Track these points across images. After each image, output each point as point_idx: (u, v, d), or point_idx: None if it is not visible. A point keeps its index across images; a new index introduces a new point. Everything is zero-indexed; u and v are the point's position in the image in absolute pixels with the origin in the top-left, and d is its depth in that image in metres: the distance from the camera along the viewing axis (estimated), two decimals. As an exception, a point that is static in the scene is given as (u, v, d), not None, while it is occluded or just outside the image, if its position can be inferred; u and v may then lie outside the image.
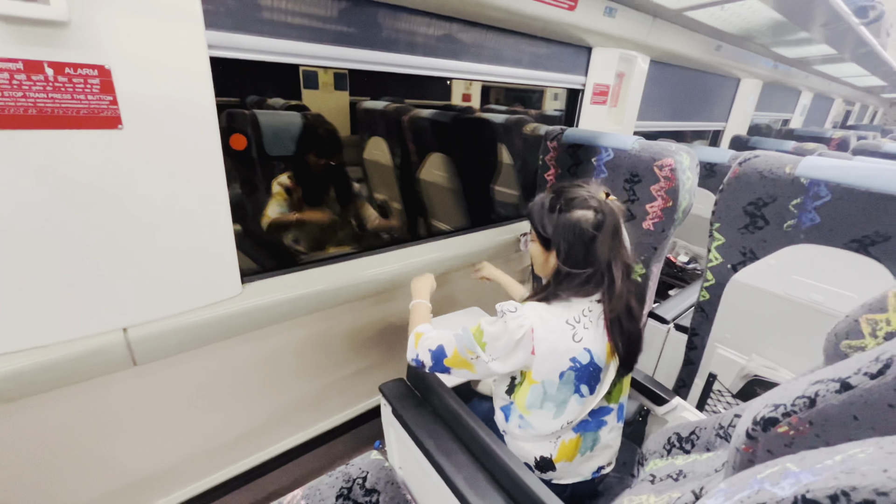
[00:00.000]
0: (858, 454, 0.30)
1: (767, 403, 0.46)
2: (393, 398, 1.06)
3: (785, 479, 0.31)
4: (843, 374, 0.41)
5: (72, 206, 0.85)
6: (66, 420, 0.99)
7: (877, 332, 0.62)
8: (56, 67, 0.77)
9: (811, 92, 4.42)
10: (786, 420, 0.43)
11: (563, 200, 0.88)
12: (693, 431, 0.91)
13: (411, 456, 1.00)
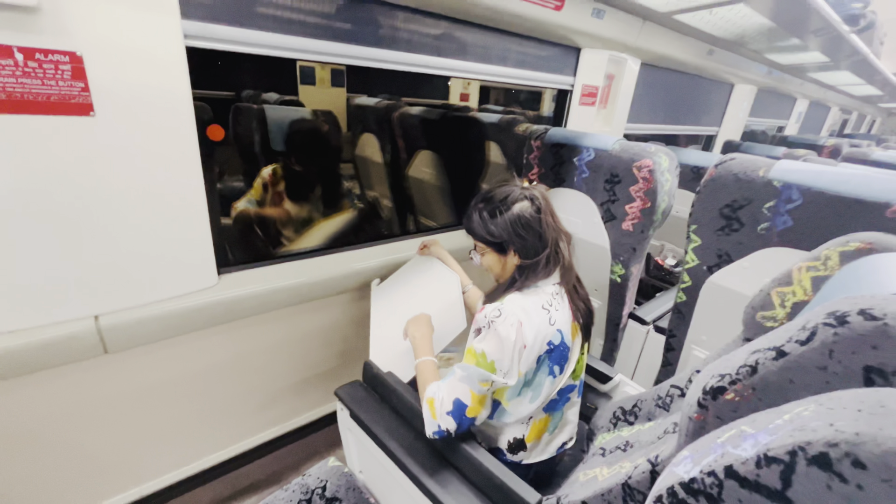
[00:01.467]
0: (803, 412, 0.34)
1: (714, 374, 0.50)
2: (350, 402, 1.04)
3: (745, 441, 0.35)
4: (777, 342, 0.46)
5: (41, 192, 0.85)
6: (36, 406, 0.99)
7: (785, 303, 0.73)
8: (26, 52, 0.77)
9: (807, 100, 4.43)
10: (732, 388, 0.47)
11: (499, 202, 0.91)
12: (635, 404, 0.99)
13: (373, 458, 0.99)
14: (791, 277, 0.71)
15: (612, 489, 0.67)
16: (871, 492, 0.26)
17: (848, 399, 0.32)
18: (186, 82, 0.96)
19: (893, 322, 0.38)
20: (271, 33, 1.09)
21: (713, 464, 0.35)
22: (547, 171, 1.53)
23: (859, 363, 0.40)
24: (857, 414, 0.30)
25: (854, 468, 0.27)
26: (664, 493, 0.38)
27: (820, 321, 0.43)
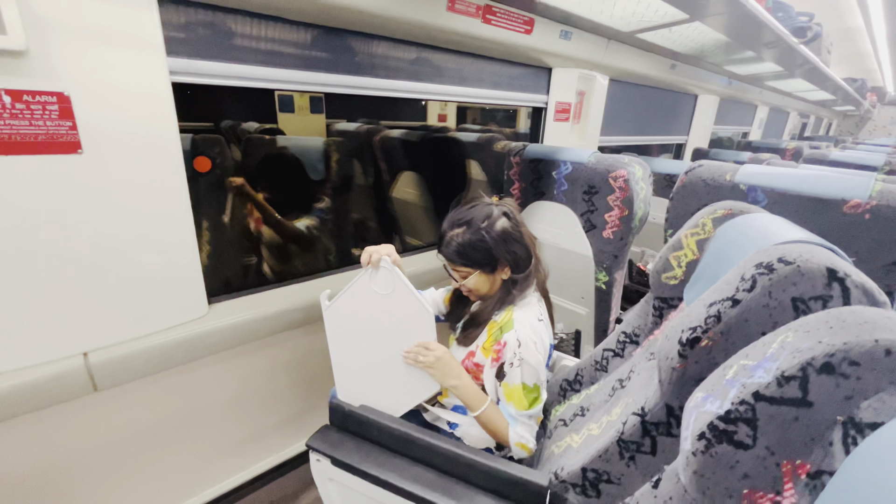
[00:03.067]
0: (786, 339, 0.43)
1: (684, 328, 0.62)
2: (329, 450, 0.95)
3: (755, 372, 0.43)
4: (729, 293, 0.58)
5: (30, 230, 0.85)
6: (25, 450, 0.96)
7: (681, 264, 0.91)
8: (14, 95, 0.78)
9: (767, 106, 4.68)
10: (705, 336, 0.58)
11: (481, 224, 0.93)
12: (577, 374, 1.10)
13: (365, 499, 0.95)
14: (681, 243, 0.90)
15: (607, 448, 0.74)
16: (865, 379, 0.36)
17: (814, 322, 0.42)
18: (173, 117, 0.98)
19: (802, 264, 0.53)
20: (252, 66, 1.13)
21: (740, 394, 0.42)
22: (527, 186, 1.58)
23: (788, 296, 0.54)
24: (830, 330, 0.39)
25: (850, 366, 0.37)
26: (705, 430, 0.45)
27: (755, 272, 0.56)
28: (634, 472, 0.73)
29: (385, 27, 1.30)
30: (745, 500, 0.43)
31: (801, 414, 0.39)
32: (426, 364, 0.92)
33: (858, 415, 0.37)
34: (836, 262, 0.53)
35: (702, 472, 0.46)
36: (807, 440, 0.39)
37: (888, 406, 0.35)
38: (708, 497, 0.46)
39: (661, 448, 0.70)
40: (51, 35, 0.79)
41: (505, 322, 0.94)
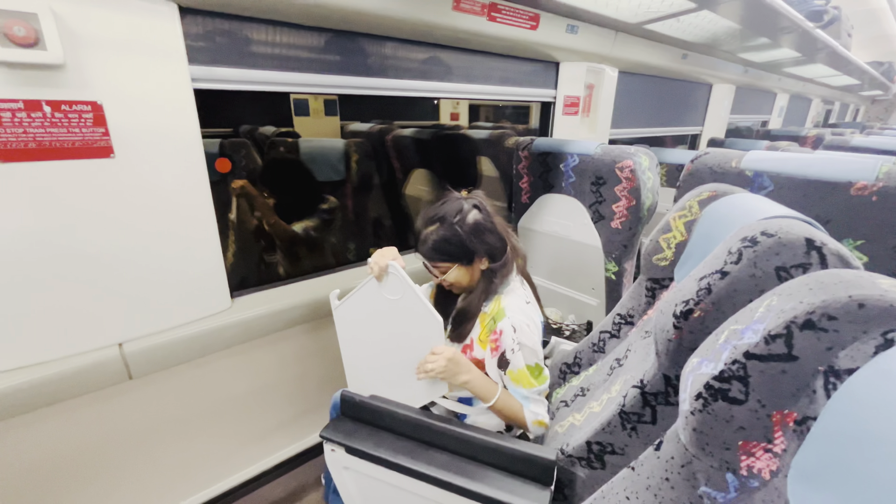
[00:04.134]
0: (772, 303, 0.47)
1: (678, 302, 0.66)
2: (344, 439, 0.98)
3: (744, 334, 0.47)
4: (717, 266, 0.63)
5: (69, 230, 0.92)
6: (66, 435, 1.04)
7: (670, 245, 0.96)
8: (53, 105, 0.85)
9: (787, 94, 4.56)
10: (698, 307, 0.63)
11: (453, 219, 0.96)
12: (575, 357, 1.14)
13: (382, 485, 0.98)
14: (670, 225, 0.96)
15: (609, 421, 0.78)
16: (842, 331, 0.40)
17: (795, 286, 0.46)
18: (195, 121, 1.04)
19: (783, 236, 0.58)
20: (268, 71, 1.18)
21: (732, 355, 0.47)
22: (536, 179, 1.60)
23: (772, 266, 0.58)
24: (810, 291, 0.44)
25: (829, 321, 0.41)
26: (702, 390, 0.49)
27: (740, 245, 0.61)
28: (637, 442, 0.77)
29: (393, 28, 1.34)
30: (740, 451, 0.47)
31: (787, 367, 0.44)
32: (437, 372, 0.94)
33: (837, 363, 0.41)
34: (813, 233, 0.57)
35: (700, 429, 0.49)
36: (793, 391, 0.44)
37: (862, 353, 0.39)
38: (707, 452, 0.50)
39: (660, 416, 0.74)
40: (84, 49, 0.86)
41: (496, 311, 0.97)
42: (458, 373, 0.95)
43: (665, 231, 0.96)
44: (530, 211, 1.66)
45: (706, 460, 0.51)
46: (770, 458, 0.46)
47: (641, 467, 0.62)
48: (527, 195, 1.66)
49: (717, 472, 0.50)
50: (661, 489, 0.57)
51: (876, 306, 0.39)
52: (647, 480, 0.59)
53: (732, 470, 0.49)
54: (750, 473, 0.48)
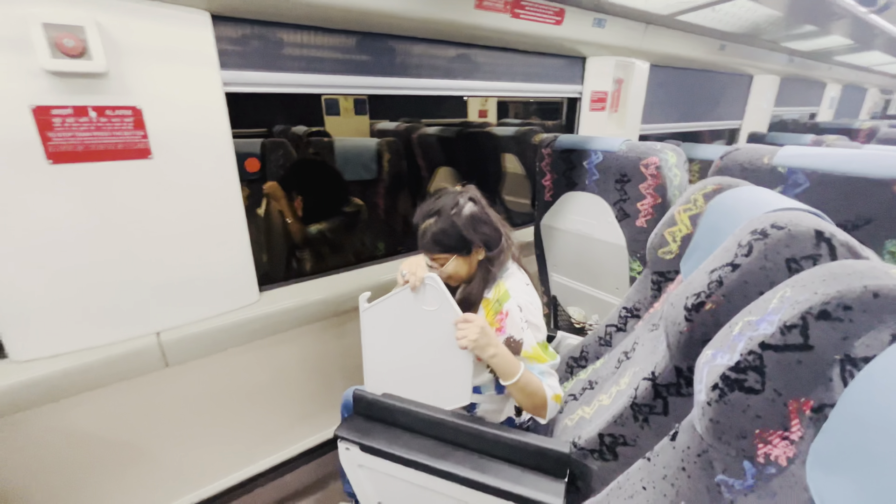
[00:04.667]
0: (786, 294, 0.47)
1: (689, 295, 0.67)
2: (358, 437, 0.98)
3: (759, 325, 0.48)
4: (728, 259, 0.63)
5: (112, 226, 0.99)
6: (109, 416, 1.12)
7: (675, 238, 0.98)
8: (98, 110, 0.92)
9: (838, 84, 4.26)
10: (709, 300, 0.64)
11: (450, 211, 0.98)
12: (582, 351, 1.15)
13: (397, 481, 0.98)
14: (675, 219, 0.97)
15: (621, 413, 0.79)
16: (857, 320, 0.41)
17: (809, 277, 0.47)
18: (226, 124, 1.09)
19: (792, 228, 0.58)
20: (296, 73, 1.23)
21: (748, 346, 0.47)
22: (559, 177, 1.58)
23: (782, 258, 0.59)
24: (824, 282, 0.44)
25: (844, 311, 0.41)
26: (718, 381, 0.49)
27: (751, 238, 0.61)
28: (649, 433, 0.78)
29: (416, 28, 1.35)
30: (756, 439, 0.48)
31: (803, 357, 0.44)
32: (470, 340, 0.90)
33: (853, 352, 0.42)
34: (822, 225, 0.57)
35: (717, 419, 0.50)
36: (809, 379, 0.44)
37: (878, 341, 0.40)
38: (723, 441, 0.51)
39: (672, 407, 0.75)
40: (125, 57, 0.92)
41: (501, 294, 0.99)
42: (489, 344, 0.91)
43: (670, 224, 0.98)
44: (553, 209, 1.64)
45: (723, 449, 0.52)
46: (787, 445, 0.47)
47: (657, 458, 0.63)
48: (550, 193, 1.64)
49: (733, 460, 0.51)
50: (678, 478, 0.58)
51: (890, 295, 0.40)
52: (664, 470, 0.60)
53: (749, 458, 0.50)
54: (767, 461, 0.49)
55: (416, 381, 1.03)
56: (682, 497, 0.57)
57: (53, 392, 1.00)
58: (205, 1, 0.98)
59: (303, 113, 3.19)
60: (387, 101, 3.65)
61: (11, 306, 0.94)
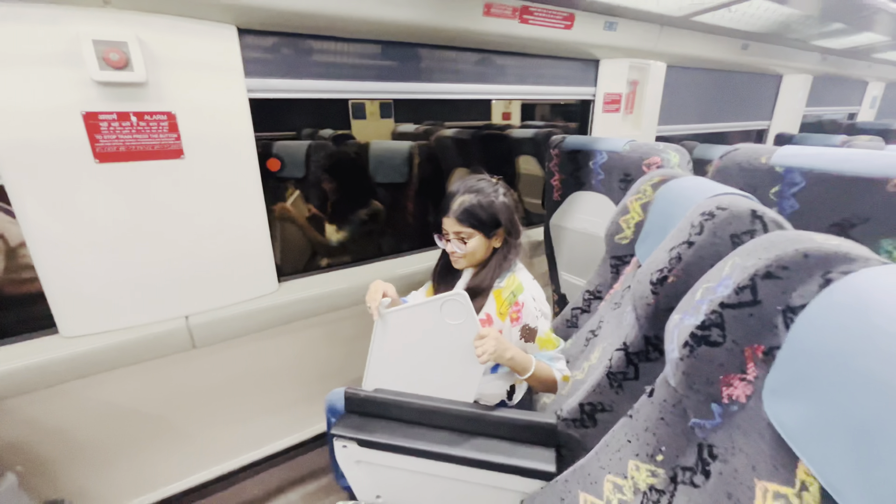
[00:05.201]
0: (735, 262, 0.57)
1: (653, 271, 0.77)
2: (355, 433, 0.99)
3: (717, 289, 0.57)
4: (684, 238, 0.74)
5: (149, 218, 1.11)
6: (141, 391, 1.25)
7: (629, 225, 1.08)
8: (138, 116, 1.04)
9: (881, 82, 4.05)
10: (671, 274, 0.75)
11: (491, 192, 1.06)
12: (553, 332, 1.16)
13: (396, 472, 1.01)
14: (628, 208, 1.09)
15: (599, 382, 0.88)
16: (793, 277, 0.50)
17: (752, 247, 0.56)
18: (250, 127, 1.20)
19: (734, 208, 0.69)
20: (315, 80, 1.32)
21: (710, 307, 0.57)
22: (567, 177, 1.62)
23: (727, 234, 0.70)
24: (765, 249, 0.54)
25: (783, 270, 0.51)
26: (688, 339, 0.59)
27: (701, 219, 0.73)
28: (623, 397, 0.87)
29: (429, 36, 1.43)
30: (721, 384, 0.58)
31: (754, 311, 0.54)
32: (489, 354, 0.93)
33: (792, 302, 0.51)
34: (756, 206, 0.70)
35: (688, 372, 0.60)
36: (760, 328, 0.54)
37: (809, 291, 0.49)
38: (694, 390, 0.60)
39: (642, 372, 0.85)
40: (161, 68, 1.04)
41: (515, 286, 1.05)
42: (505, 349, 0.96)
43: (624, 213, 1.09)
44: (562, 208, 1.67)
45: (694, 397, 0.61)
46: (745, 385, 0.56)
47: (638, 413, 0.71)
48: (558, 192, 1.67)
49: (703, 404, 0.60)
50: (658, 428, 0.67)
51: (816, 254, 0.50)
52: (645, 423, 0.69)
53: (716, 400, 0.59)
54: (730, 401, 0.58)
55: (422, 385, 1.04)
56: (662, 443, 0.67)
57: (96, 366, 1.13)
58: (231, 17, 1.09)
59: (331, 117, 3.33)
60: (412, 105, 3.75)
61: (63, 288, 1.07)
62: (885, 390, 0.40)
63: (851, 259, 0.50)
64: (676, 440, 0.65)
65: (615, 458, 0.74)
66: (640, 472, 0.69)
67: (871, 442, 0.40)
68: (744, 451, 0.56)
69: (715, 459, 0.59)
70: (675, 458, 0.66)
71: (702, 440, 0.62)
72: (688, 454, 0.64)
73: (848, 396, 0.43)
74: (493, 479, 0.92)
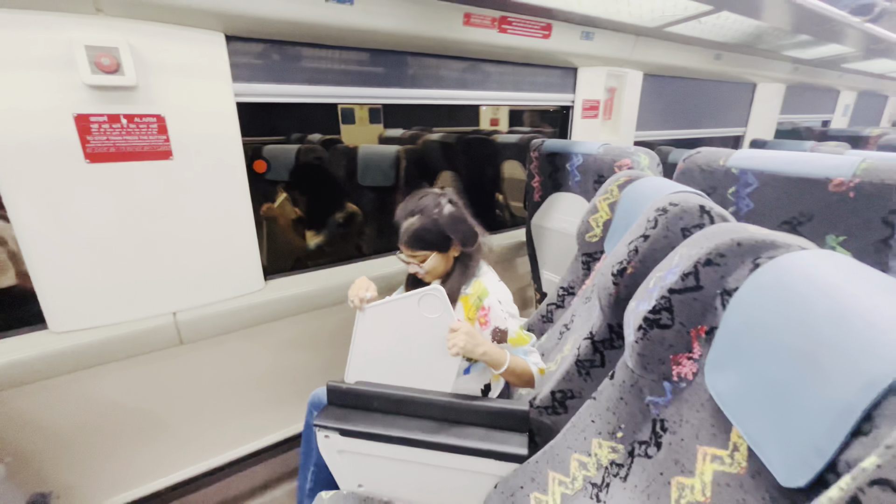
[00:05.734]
0: (683, 252, 0.64)
1: (614, 263, 0.85)
2: (338, 424, 1.01)
3: (667, 277, 0.64)
4: (641, 232, 0.82)
5: (138, 217, 1.15)
6: (133, 385, 1.27)
7: (598, 224, 1.18)
8: (128, 118, 1.08)
9: (853, 91, 4.22)
10: (630, 265, 0.82)
11: (433, 210, 1.06)
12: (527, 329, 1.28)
13: (377, 460, 1.03)
14: (597, 207, 1.18)
15: (568, 370, 0.95)
16: (728, 263, 0.58)
17: (697, 238, 0.64)
18: (237, 130, 1.24)
19: (684, 204, 0.77)
20: (301, 85, 1.37)
21: (660, 293, 0.63)
22: (546, 179, 1.68)
23: (678, 227, 0.77)
24: (707, 239, 0.61)
25: (720, 257, 0.58)
26: (642, 323, 0.65)
27: (656, 215, 0.80)
28: (591, 384, 0.94)
29: (412, 44, 1.49)
30: (672, 363, 0.65)
31: (697, 295, 0.61)
32: (460, 347, 0.97)
33: (727, 285, 0.58)
34: (705, 202, 0.78)
35: (643, 353, 0.66)
36: (702, 311, 0.61)
37: (742, 275, 0.57)
38: (649, 370, 0.67)
39: (607, 359, 0.92)
40: (152, 72, 1.08)
41: (480, 291, 1.08)
42: (477, 345, 0.99)
43: (593, 212, 1.17)
44: (542, 209, 1.74)
45: (648, 376, 0.68)
46: (692, 363, 0.64)
47: (601, 395, 0.78)
48: (538, 194, 1.74)
49: (656, 383, 0.68)
50: (618, 407, 0.74)
51: (748, 243, 0.58)
52: (606, 403, 0.76)
53: (667, 378, 0.66)
54: (679, 378, 0.65)
55: (402, 377, 1.08)
56: (622, 421, 0.74)
57: (84, 361, 1.15)
58: (219, 24, 1.14)
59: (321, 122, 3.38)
60: (402, 110, 3.81)
61: (53, 284, 1.10)
62: (793, 354, 0.46)
63: (777, 246, 0.58)
64: (634, 417, 0.72)
65: (580, 437, 0.79)
66: (603, 448, 0.75)
67: (781, 399, 0.46)
68: (689, 422, 0.62)
69: (666, 432, 0.66)
70: (632, 434, 0.72)
71: (655, 416, 0.69)
72: (643, 429, 0.70)
73: (765, 363, 0.49)
74: (469, 463, 0.96)
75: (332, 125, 3.58)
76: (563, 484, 0.78)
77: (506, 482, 0.91)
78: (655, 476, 0.64)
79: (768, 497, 0.47)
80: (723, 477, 0.54)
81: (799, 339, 0.46)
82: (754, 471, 0.50)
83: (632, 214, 0.98)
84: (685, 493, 0.58)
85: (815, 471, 0.40)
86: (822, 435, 0.40)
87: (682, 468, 0.60)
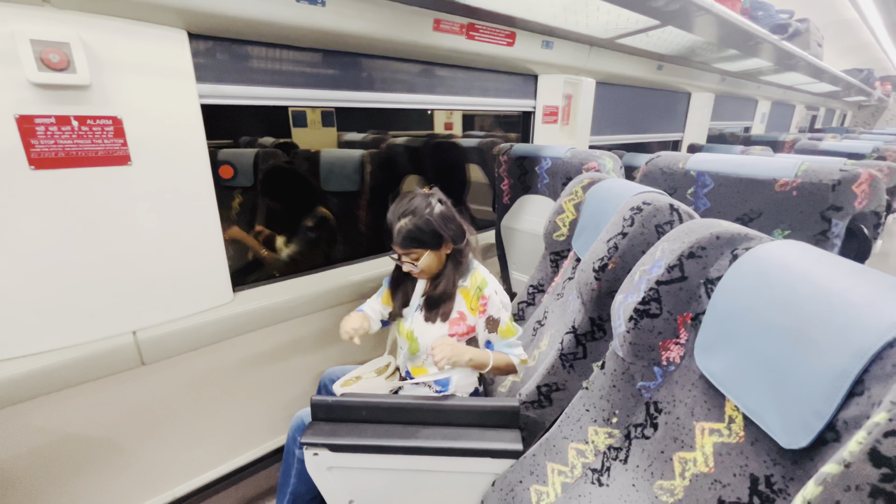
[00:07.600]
0: (664, 246, 0.70)
1: (594, 260, 0.91)
2: (326, 440, 0.98)
3: (651, 269, 0.69)
4: (618, 230, 0.88)
5: (91, 228, 1.05)
6: (89, 412, 1.15)
7: (565, 224, 1.24)
8: (80, 120, 0.99)
9: (768, 100, 4.72)
10: (610, 261, 0.88)
11: (424, 210, 1.09)
12: None
13: (369, 473, 1.02)
14: (562, 207, 1.25)
15: (553, 364, 1.00)
16: (710, 255, 0.65)
17: (677, 233, 0.70)
18: (202, 133, 1.17)
19: (656, 203, 0.84)
20: (267, 87, 1.32)
21: (648, 285, 0.69)
22: (515, 182, 1.74)
23: (653, 224, 0.85)
24: (687, 235, 0.67)
25: (702, 250, 0.64)
26: (632, 314, 0.71)
27: (631, 213, 0.87)
28: (574, 376, 1.00)
29: (380, 48, 1.48)
30: (661, 349, 0.71)
31: (682, 285, 0.67)
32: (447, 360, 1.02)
33: (710, 275, 0.65)
34: (672, 201, 0.87)
35: (634, 342, 0.72)
36: (687, 299, 0.67)
37: (723, 265, 0.63)
38: (639, 357, 0.73)
39: (589, 350, 0.98)
40: (107, 71, 1.00)
41: (480, 282, 1.14)
42: (462, 353, 1.07)
43: (559, 213, 1.25)
44: (511, 211, 1.79)
45: (639, 363, 0.73)
46: (679, 348, 0.70)
47: (593, 384, 0.83)
48: (507, 196, 1.79)
49: (647, 369, 0.73)
50: (611, 395, 0.79)
51: (726, 236, 0.65)
52: (599, 392, 0.81)
53: (657, 363, 0.72)
54: (668, 362, 0.71)
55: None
56: (616, 407, 0.78)
57: (32, 389, 1.03)
58: (182, 21, 1.07)
59: (270, 125, 3.25)
60: (355, 114, 3.75)
61: (-10, 306, 0.98)
62: (782, 332, 0.52)
63: (751, 238, 0.65)
64: (627, 403, 0.77)
65: (576, 427, 0.83)
66: (599, 435, 0.80)
67: (776, 371, 0.52)
68: (683, 401, 0.68)
69: (660, 413, 0.71)
70: (627, 419, 0.77)
71: (648, 399, 0.74)
72: (637, 413, 0.76)
73: (757, 341, 0.55)
74: (465, 464, 0.97)
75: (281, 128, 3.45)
76: (562, 474, 0.82)
77: (504, 479, 0.93)
78: (656, 454, 0.69)
79: (769, 460, 0.53)
80: (723, 447, 0.59)
81: (786, 317, 0.52)
82: (752, 438, 0.56)
83: (599, 213, 1.06)
84: (688, 466, 0.64)
85: (816, 431, 0.45)
86: (821, 399, 0.45)
87: (682, 444, 0.66)
